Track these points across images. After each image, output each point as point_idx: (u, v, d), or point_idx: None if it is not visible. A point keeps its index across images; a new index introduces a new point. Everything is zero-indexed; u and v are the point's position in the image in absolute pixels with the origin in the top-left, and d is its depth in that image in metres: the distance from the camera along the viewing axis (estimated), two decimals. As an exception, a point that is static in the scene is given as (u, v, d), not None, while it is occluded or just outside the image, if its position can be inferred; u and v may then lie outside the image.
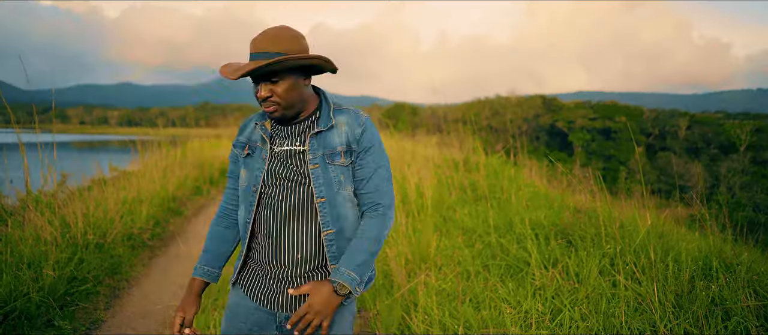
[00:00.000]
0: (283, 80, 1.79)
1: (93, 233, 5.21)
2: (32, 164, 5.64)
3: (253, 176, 1.93)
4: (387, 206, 1.94)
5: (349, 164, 1.89)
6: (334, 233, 1.87)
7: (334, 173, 1.87)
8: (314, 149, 1.87)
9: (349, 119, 1.92)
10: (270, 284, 1.91)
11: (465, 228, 5.43)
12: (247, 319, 1.93)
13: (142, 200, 6.99)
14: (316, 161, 1.86)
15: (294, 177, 1.87)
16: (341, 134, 1.90)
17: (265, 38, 1.77)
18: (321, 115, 1.91)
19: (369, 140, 1.92)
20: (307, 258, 1.88)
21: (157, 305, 4.47)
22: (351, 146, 1.89)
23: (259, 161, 1.92)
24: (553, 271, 3.88)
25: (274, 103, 1.80)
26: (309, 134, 1.88)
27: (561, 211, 5.60)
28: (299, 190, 1.87)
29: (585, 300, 3.53)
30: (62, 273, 4.29)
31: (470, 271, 4.27)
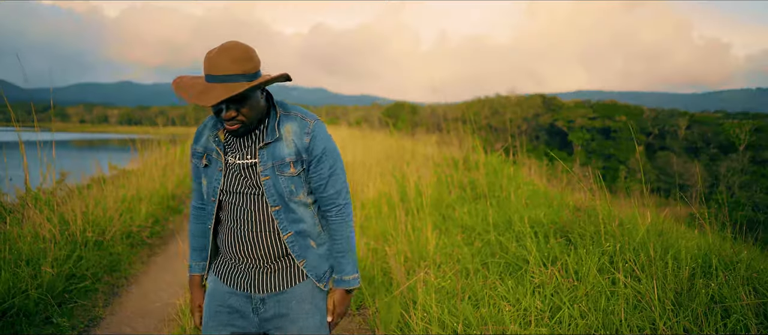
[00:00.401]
0: (248, 101, 1.84)
1: (92, 231, 5.20)
2: (32, 163, 5.63)
3: (211, 186, 2.01)
4: (345, 203, 2.08)
5: (299, 173, 1.98)
6: (294, 234, 2.01)
7: (284, 184, 1.96)
8: (264, 160, 1.94)
9: (296, 128, 1.97)
10: (242, 269, 2.02)
11: (464, 226, 5.43)
12: (223, 302, 2.04)
13: (142, 198, 6.98)
14: (266, 173, 1.94)
15: (249, 189, 1.96)
16: (290, 143, 1.96)
17: (224, 59, 1.78)
18: (269, 124, 1.96)
19: (319, 147, 1.99)
20: (271, 253, 2.00)
21: (155, 303, 4.47)
22: (301, 155, 1.97)
23: (215, 173, 1.99)
24: (553, 269, 3.88)
25: (238, 121, 1.86)
26: (258, 147, 1.95)
27: (560, 209, 5.59)
28: (256, 199, 1.96)
29: (584, 297, 3.53)
30: (61, 270, 4.28)
31: (469, 269, 4.27)
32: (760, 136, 49.79)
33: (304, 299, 2.04)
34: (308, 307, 2.04)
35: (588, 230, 4.57)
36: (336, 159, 2.05)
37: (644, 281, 3.50)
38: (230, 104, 1.82)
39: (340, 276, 2.07)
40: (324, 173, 2.01)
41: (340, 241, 2.07)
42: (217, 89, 1.76)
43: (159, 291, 4.79)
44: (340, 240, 2.06)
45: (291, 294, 2.03)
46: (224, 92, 1.74)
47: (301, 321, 2.02)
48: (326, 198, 2.04)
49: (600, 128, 58.43)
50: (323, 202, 2.05)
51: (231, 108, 1.82)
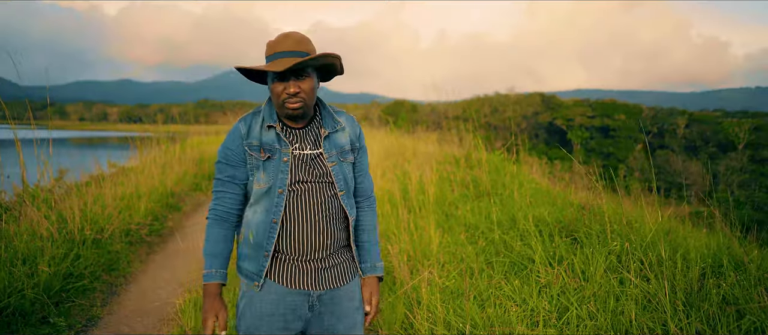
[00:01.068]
0: (309, 78, 1.96)
1: (90, 229, 5.12)
2: (29, 160, 5.56)
3: (277, 178, 1.99)
4: (374, 197, 2.29)
5: (353, 162, 2.15)
6: (354, 219, 2.13)
7: (347, 170, 2.11)
8: (328, 149, 2.06)
9: (348, 122, 2.15)
10: (303, 267, 2.03)
11: (467, 225, 5.35)
12: (278, 304, 2.02)
13: (141, 195, 6.91)
14: (333, 160, 2.06)
15: (316, 177, 2.02)
16: (346, 134, 2.12)
17: (291, 41, 1.95)
18: (323, 117, 2.10)
19: (363, 138, 2.22)
20: (335, 242, 2.06)
21: (155, 302, 4.39)
22: (354, 144, 2.14)
23: (280, 164, 2.00)
24: (559, 268, 3.81)
25: (300, 99, 1.94)
26: (322, 138, 2.06)
27: (564, 208, 5.52)
28: (322, 187, 2.03)
29: (592, 298, 3.46)
30: (58, 268, 4.20)
31: (473, 268, 4.20)
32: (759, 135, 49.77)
33: (353, 297, 2.14)
34: (356, 305, 2.14)
35: (594, 229, 4.49)
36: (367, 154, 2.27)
37: (653, 281, 3.43)
38: (297, 77, 1.92)
39: (372, 263, 2.19)
40: (364, 163, 2.22)
41: (372, 231, 2.22)
42: (288, 60, 1.89)
43: (158, 289, 4.72)
44: (371, 230, 2.22)
45: (344, 292, 2.11)
46: (295, 60, 1.87)
47: (349, 318, 2.11)
48: (362, 189, 2.21)
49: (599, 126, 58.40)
50: (358, 192, 2.21)
51: (297, 81, 1.92)
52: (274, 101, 1.99)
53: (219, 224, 2.07)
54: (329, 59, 1.98)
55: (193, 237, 6.31)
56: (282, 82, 1.92)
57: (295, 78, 1.93)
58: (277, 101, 1.96)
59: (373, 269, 2.19)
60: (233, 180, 2.05)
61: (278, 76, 1.92)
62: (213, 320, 2.01)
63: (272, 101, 2.01)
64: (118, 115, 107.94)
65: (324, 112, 2.11)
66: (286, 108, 1.95)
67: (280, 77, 1.92)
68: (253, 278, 2.04)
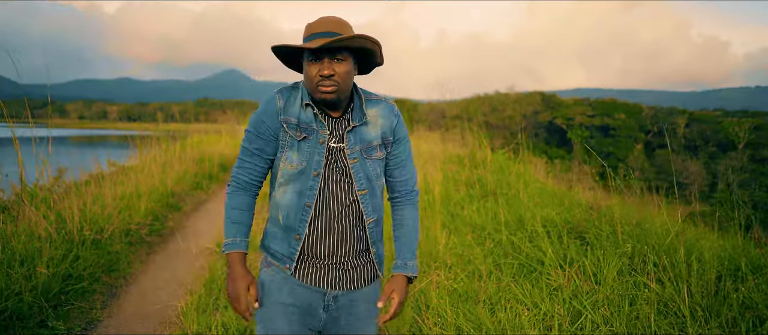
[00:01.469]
0: (346, 61, 1.84)
1: (90, 229, 5.03)
2: (28, 159, 5.47)
3: (312, 160, 1.90)
4: (417, 192, 2.12)
5: (383, 157, 1.99)
6: (374, 221, 1.98)
7: (371, 167, 1.96)
8: (352, 144, 1.93)
9: (384, 111, 1.99)
10: (320, 267, 1.95)
11: (473, 225, 5.26)
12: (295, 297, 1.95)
13: (141, 195, 6.81)
14: (354, 156, 1.93)
15: (336, 174, 1.92)
16: (377, 127, 1.97)
17: (330, 22, 1.85)
18: (354, 109, 1.95)
19: (402, 129, 2.03)
20: (354, 246, 1.95)
21: (155, 305, 4.29)
22: (387, 138, 1.98)
23: (317, 146, 1.90)
24: (570, 271, 3.72)
25: (334, 83, 1.82)
26: (346, 130, 1.92)
27: (572, 208, 5.43)
28: (342, 184, 1.93)
29: (605, 301, 3.37)
30: (57, 270, 4.10)
31: (482, 270, 4.11)
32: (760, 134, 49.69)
33: (371, 300, 2.04)
34: (373, 308, 2.04)
35: (604, 231, 4.41)
36: (410, 144, 2.10)
37: (668, 285, 3.34)
38: (332, 58, 1.81)
39: (404, 261, 2.04)
40: (403, 154, 2.05)
41: (409, 225, 2.07)
42: (323, 39, 1.77)
43: (158, 290, 4.63)
44: (409, 225, 2.08)
45: (362, 294, 2.01)
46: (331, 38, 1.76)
47: (364, 322, 2.02)
48: (401, 182, 2.07)
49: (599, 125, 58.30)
50: (396, 186, 2.07)
51: (332, 63, 1.81)
52: (307, 84, 1.87)
53: (242, 193, 1.98)
54: (367, 43, 1.84)
55: (194, 237, 6.22)
56: (316, 63, 1.82)
57: (329, 59, 1.81)
58: (310, 83, 1.85)
59: (403, 267, 2.04)
60: (261, 154, 1.95)
61: (313, 56, 1.81)
62: (245, 293, 1.91)
63: (305, 84, 1.90)
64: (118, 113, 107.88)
65: (355, 102, 1.96)
66: (319, 91, 1.83)
67: (314, 57, 1.82)
68: (283, 260, 1.95)
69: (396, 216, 2.09)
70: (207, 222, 7.08)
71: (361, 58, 1.94)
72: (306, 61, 1.84)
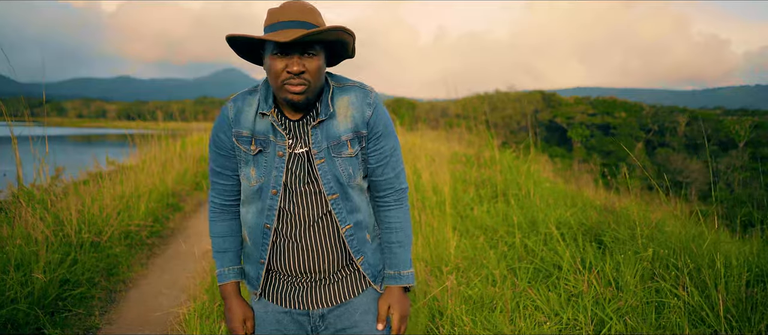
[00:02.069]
0: (317, 56, 1.59)
1: (88, 232, 4.87)
2: (25, 158, 5.32)
3: (269, 176, 1.69)
4: (405, 187, 1.85)
5: (357, 153, 1.72)
6: (353, 227, 1.75)
7: (342, 167, 1.71)
8: (318, 141, 1.68)
9: (354, 99, 1.71)
10: (298, 285, 1.77)
11: (485, 227, 5.10)
12: (277, 328, 1.79)
13: (140, 195, 6.64)
14: (321, 156, 1.69)
15: (304, 183, 1.70)
16: (347, 119, 1.70)
17: (296, 9, 1.59)
18: (322, 101, 1.70)
19: (381, 121, 1.74)
20: (332, 260, 1.74)
21: (156, 311, 4.13)
22: (359, 131, 1.71)
23: (274, 160, 1.68)
24: (589, 276, 3.56)
25: (304, 81, 1.57)
26: (311, 127, 1.68)
27: (585, 209, 5.28)
28: (311, 192, 1.71)
29: (629, 309, 3.21)
30: (54, 275, 3.93)
31: (495, 275, 3.95)
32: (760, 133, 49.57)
33: (368, 309, 1.80)
34: (372, 319, 1.80)
35: (622, 234, 4.25)
36: (395, 138, 1.81)
37: (693, 291, 3.18)
38: (302, 54, 1.56)
39: (396, 270, 1.81)
40: (385, 151, 1.77)
41: (398, 230, 1.82)
42: (294, 31, 1.53)
43: (159, 295, 4.46)
44: (398, 229, 1.82)
45: (354, 305, 1.79)
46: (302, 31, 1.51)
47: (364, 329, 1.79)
48: (384, 181, 1.80)
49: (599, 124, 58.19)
50: (380, 186, 1.80)
51: (302, 58, 1.56)
52: (271, 81, 1.61)
53: (220, 217, 1.83)
54: (343, 35, 1.59)
55: (196, 239, 6.06)
56: (283, 58, 1.55)
57: (300, 54, 1.56)
58: (275, 81, 1.59)
59: (397, 278, 1.81)
60: (225, 170, 1.77)
61: (280, 49, 1.55)
62: (241, 327, 1.79)
63: (269, 82, 1.64)
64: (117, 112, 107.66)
65: (324, 94, 1.70)
66: (287, 91, 1.57)
67: (282, 51, 1.55)
68: (253, 284, 1.81)
69: (383, 221, 1.84)
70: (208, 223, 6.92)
71: (332, 51, 1.70)
72: (270, 55, 1.58)
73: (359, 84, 1.75)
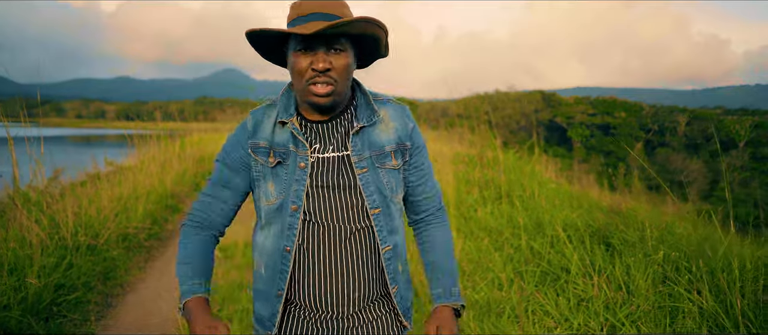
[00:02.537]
0: (345, 53, 1.42)
1: (84, 234, 4.77)
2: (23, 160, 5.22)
3: (290, 191, 1.48)
4: (445, 209, 1.71)
5: (399, 167, 1.55)
6: (391, 249, 1.54)
7: (386, 179, 1.53)
8: (358, 150, 1.50)
9: (396, 113, 1.57)
10: (323, 325, 1.53)
11: (489, 229, 5.01)
12: None
13: (139, 196, 6.54)
14: (363, 165, 1.50)
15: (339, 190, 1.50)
16: (389, 129, 1.54)
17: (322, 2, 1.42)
18: (358, 107, 1.54)
19: (420, 136, 1.62)
20: (366, 288, 1.52)
21: (154, 317, 4.03)
22: (403, 143, 1.55)
23: (295, 171, 1.48)
24: (599, 280, 3.46)
25: (330, 80, 1.40)
26: (351, 132, 1.50)
27: (592, 210, 5.18)
28: (347, 200, 1.50)
29: (642, 314, 3.11)
30: (48, 280, 3.83)
31: (502, 279, 3.85)
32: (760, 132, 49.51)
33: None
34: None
35: (631, 236, 4.15)
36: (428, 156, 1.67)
37: (708, 296, 3.09)
38: (328, 49, 1.40)
39: (446, 288, 1.60)
40: (425, 167, 1.62)
41: (444, 245, 1.65)
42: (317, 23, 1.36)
43: (157, 299, 4.36)
44: (443, 244, 1.65)
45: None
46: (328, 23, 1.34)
47: None
48: (424, 200, 1.64)
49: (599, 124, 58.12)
50: (421, 205, 1.64)
51: (328, 54, 1.40)
52: (296, 82, 1.45)
53: (197, 231, 1.57)
54: (372, 28, 1.40)
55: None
56: (307, 54, 1.39)
57: (325, 49, 1.39)
58: (299, 82, 1.42)
59: (447, 296, 1.58)
60: (228, 186, 1.56)
61: (303, 44, 1.39)
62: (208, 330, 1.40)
63: (293, 83, 1.47)
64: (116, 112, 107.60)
65: (359, 101, 1.54)
66: (311, 93, 1.41)
67: (305, 46, 1.39)
68: (265, 325, 1.55)
69: (425, 240, 1.66)
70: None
71: (361, 49, 1.51)
72: (293, 52, 1.42)
73: (393, 99, 1.62)
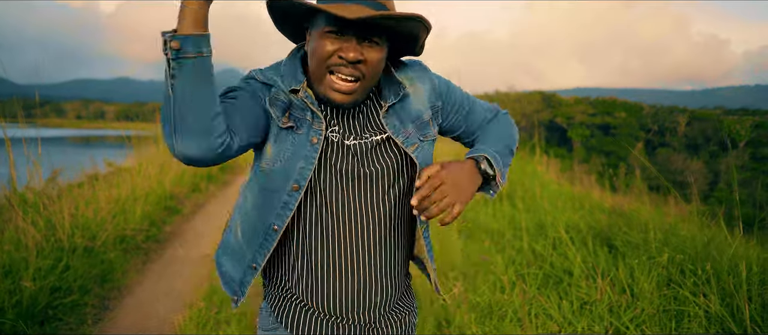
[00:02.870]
0: (381, 47, 1.24)
1: (81, 236, 4.71)
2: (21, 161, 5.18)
3: (294, 165, 1.27)
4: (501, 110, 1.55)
5: (436, 137, 1.41)
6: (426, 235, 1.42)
7: (429, 153, 1.38)
8: (398, 128, 1.32)
9: (419, 73, 1.39)
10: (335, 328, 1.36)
11: (490, 231, 4.96)
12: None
13: (137, 198, 6.48)
14: (413, 140, 1.33)
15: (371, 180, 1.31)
16: (420, 95, 1.37)
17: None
18: (382, 86, 1.35)
19: (444, 81, 1.44)
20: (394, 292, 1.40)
21: (152, 319, 3.98)
22: (435, 104, 1.39)
23: (305, 145, 1.26)
24: (602, 283, 3.41)
25: (359, 73, 1.22)
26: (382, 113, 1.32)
27: (594, 212, 5.14)
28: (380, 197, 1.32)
29: (647, 317, 3.06)
30: (44, 283, 3.77)
31: (504, 281, 3.80)
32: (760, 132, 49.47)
33: None
34: None
35: (634, 237, 4.10)
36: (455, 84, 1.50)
37: (713, 299, 3.04)
38: (363, 39, 1.21)
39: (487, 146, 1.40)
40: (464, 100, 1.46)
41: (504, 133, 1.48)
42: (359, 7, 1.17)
43: (155, 302, 4.31)
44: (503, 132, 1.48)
45: None
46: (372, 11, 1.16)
47: None
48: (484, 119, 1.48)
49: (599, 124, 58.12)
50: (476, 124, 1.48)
51: (362, 45, 1.21)
52: (314, 66, 1.25)
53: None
54: (420, 28, 1.24)
55: (194, 243, 5.90)
56: (337, 39, 1.20)
57: (358, 39, 1.20)
58: (318, 67, 1.23)
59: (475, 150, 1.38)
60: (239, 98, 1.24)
61: (336, 26, 1.19)
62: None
63: (311, 66, 1.26)
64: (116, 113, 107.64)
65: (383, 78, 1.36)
66: (331, 86, 1.23)
67: (338, 29, 1.19)
68: (232, 287, 1.41)
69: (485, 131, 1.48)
70: (207, 226, 6.76)
71: (396, 46, 1.33)
72: (319, 31, 1.21)
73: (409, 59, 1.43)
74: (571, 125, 58.73)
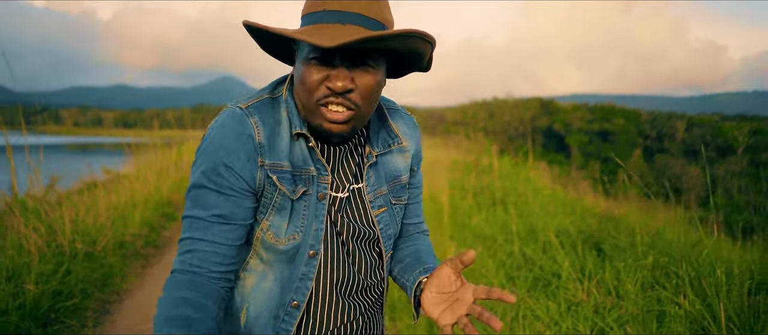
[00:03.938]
0: (375, 71, 1.04)
1: (82, 242, 4.81)
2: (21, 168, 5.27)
3: (308, 231, 1.11)
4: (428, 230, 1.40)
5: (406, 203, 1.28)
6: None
7: (397, 218, 1.24)
8: (374, 184, 1.19)
9: (410, 129, 1.26)
10: None
11: (483, 236, 5.06)
12: None
13: (136, 204, 6.59)
14: (380, 203, 1.19)
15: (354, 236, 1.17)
16: (405, 153, 1.24)
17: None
18: (371, 127, 1.20)
19: (421, 153, 1.33)
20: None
21: (151, 322, 4.07)
22: (412, 167, 1.27)
23: (314, 207, 1.11)
24: (589, 285, 3.51)
25: (352, 105, 1.03)
26: (365, 164, 1.18)
27: (584, 216, 5.24)
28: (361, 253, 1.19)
29: (630, 318, 3.16)
30: (46, 287, 3.87)
31: (494, 284, 3.90)
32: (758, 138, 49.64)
33: None
34: None
35: (621, 241, 4.21)
36: None
37: (695, 300, 3.14)
38: (354, 65, 1.02)
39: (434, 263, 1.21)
40: (420, 187, 1.34)
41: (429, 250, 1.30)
42: (345, 28, 0.99)
43: (153, 306, 4.37)
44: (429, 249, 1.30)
45: None
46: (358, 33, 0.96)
47: None
48: (416, 224, 1.34)
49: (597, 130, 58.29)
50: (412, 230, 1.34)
51: (352, 71, 1.02)
52: (302, 97, 1.06)
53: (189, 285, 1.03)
54: (419, 44, 1.03)
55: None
56: (323, 68, 1.01)
57: (348, 65, 1.02)
58: (307, 98, 1.04)
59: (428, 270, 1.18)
60: (226, 221, 1.06)
61: (319, 54, 1.01)
62: None
63: (298, 96, 1.08)
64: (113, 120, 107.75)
65: (373, 116, 1.20)
66: (323, 117, 1.04)
67: (323, 58, 1.01)
68: None
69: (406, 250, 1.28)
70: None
71: (396, 60, 1.11)
72: (303, 60, 1.04)
73: (401, 108, 1.29)
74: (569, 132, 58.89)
